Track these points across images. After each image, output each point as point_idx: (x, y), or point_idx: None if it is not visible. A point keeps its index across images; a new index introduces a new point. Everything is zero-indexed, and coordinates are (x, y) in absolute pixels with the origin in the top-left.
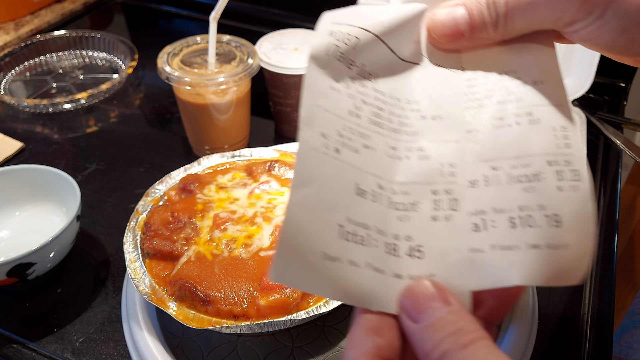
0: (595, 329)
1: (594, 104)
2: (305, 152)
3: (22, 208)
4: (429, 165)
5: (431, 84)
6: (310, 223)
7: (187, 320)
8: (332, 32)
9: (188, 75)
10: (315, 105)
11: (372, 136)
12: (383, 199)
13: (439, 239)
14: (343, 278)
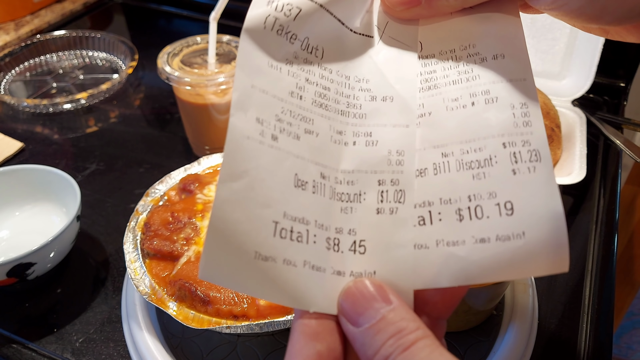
0: (594, 329)
1: (594, 104)
2: (236, 140)
3: (22, 208)
4: (376, 152)
5: (383, 60)
6: (241, 221)
7: (187, 320)
8: (270, 1)
9: (188, 75)
10: (250, 86)
11: (315, 119)
12: (326, 189)
13: (383, 234)
14: (278, 278)
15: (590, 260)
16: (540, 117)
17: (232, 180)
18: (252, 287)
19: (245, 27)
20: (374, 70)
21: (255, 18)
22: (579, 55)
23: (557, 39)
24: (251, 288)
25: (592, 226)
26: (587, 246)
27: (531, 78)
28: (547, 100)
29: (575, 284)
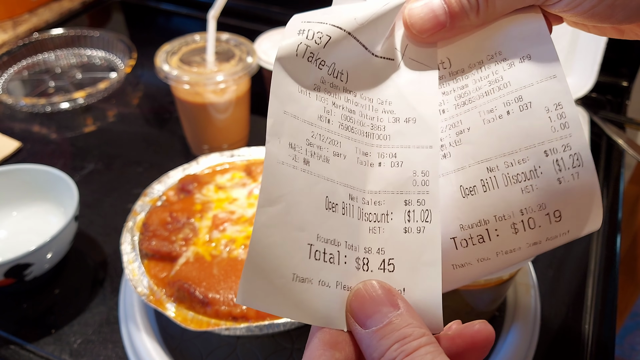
0: (597, 330)
1: (597, 103)
2: (272, 166)
3: (19, 208)
4: (402, 173)
5: (405, 82)
6: (279, 244)
7: (186, 321)
8: (302, 30)
9: (187, 74)
10: (283, 112)
11: (343, 142)
12: (354, 210)
13: (411, 252)
14: (314, 299)
15: (593, 260)
16: (576, 114)
17: (270, 205)
18: (289, 309)
19: (278, 56)
20: (396, 93)
21: (288, 47)
22: (581, 55)
23: (559, 37)
24: (288, 310)
25: None
26: (589, 246)
27: (561, 73)
28: None
29: (578, 284)
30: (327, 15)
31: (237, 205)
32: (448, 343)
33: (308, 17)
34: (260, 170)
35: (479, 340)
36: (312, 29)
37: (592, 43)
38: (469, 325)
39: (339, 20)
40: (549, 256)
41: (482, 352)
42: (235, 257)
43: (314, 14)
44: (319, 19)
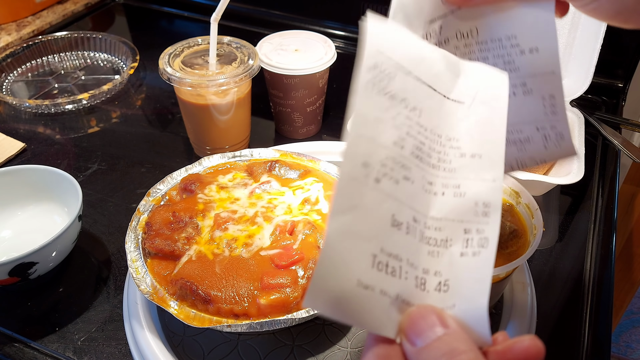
0: (593, 328)
1: (592, 104)
2: (345, 181)
3: (24, 208)
4: (464, 203)
5: (474, 123)
6: (348, 250)
7: (188, 319)
8: (376, 65)
9: (189, 76)
10: (359, 135)
11: (412, 168)
12: (416, 232)
13: (464, 273)
14: (375, 307)
15: (589, 259)
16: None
17: (343, 214)
18: (350, 314)
19: (358, 87)
20: (465, 131)
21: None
22: (577, 56)
23: None
24: (350, 315)
25: (590, 225)
26: (585, 245)
27: (559, 69)
28: None
29: (574, 282)
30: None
31: (239, 205)
32: (498, 358)
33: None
34: (262, 171)
35: (530, 356)
36: (383, 64)
37: (588, 45)
38: (518, 341)
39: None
40: (545, 255)
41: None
42: (237, 255)
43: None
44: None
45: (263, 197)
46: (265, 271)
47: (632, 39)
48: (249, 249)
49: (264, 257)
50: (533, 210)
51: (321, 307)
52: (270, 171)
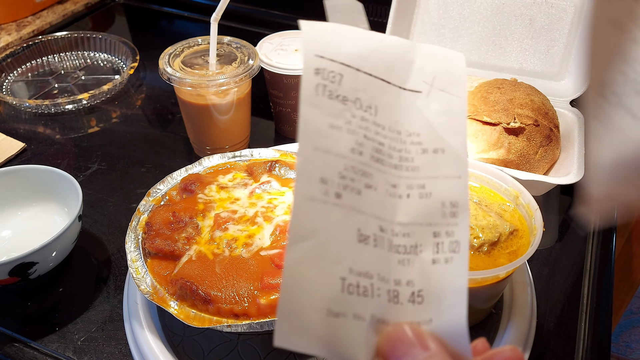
0: (593, 327)
1: None
2: (302, 203)
3: (24, 208)
4: (430, 205)
5: (434, 113)
6: (312, 279)
7: (188, 319)
8: (318, 70)
9: (189, 76)
10: (314, 148)
11: (374, 174)
12: (384, 242)
13: (439, 282)
14: (350, 335)
15: (588, 259)
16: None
17: (303, 241)
18: (326, 346)
19: (302, 97)
20: (425, 124)
21: (309, 88)
22: (577, 56)
23: (556, 39)
24: (325, 348)
25: (590, 226)
26: (585, 245)
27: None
28: (546, 100)
29: (573, 282)
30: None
31: (239, 205)
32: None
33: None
34: (262, 171)
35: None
36: (327, 68)
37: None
38: (499, 352)
39: (345, 57)
40: (545, 255)
41: None
42: (237, 255)
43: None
44: (331, 54)
45: (263, 197)
46: (266, 271)
47: None
48: (249, 249)
49: (264, 257)
50: (533, 210)
51: (294, 346)
52: (270, 171)
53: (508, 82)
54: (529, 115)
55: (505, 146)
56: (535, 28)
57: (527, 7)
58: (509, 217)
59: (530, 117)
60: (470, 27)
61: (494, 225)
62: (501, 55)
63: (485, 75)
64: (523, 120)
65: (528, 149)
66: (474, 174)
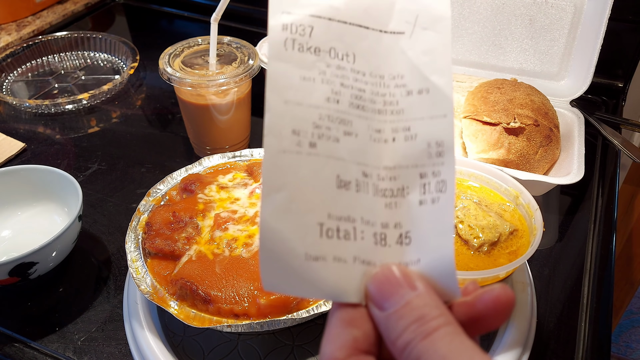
0: (593, 328)
1: (592, 104)
2: (272, 157)
3: (24, 208)
4: (416, 146)
5: (417, 53)
6: (287, 229)
7: (188, 319)
8: (285, 25)
9: (189, 76)
10: (284, 102)
11: (354, 121)
12: (369, 187)
13: (426, 223)
14: (330, 276)
15: (588, 259)
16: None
17: (274, 193)
18: (310, 288)
19: (270, 55)
20: (408, 66)
21: (276, 44)
22: (577, 56)
23: (556, 39)
24: (309, 289)
25: (590, 225)
26: (585, 245)
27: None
28: (546, 100)
29: (573, 283)
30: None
31: (239, 205)
32: (467, 309)
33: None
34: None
35: (500, 305)
36: (294, 22)
37: (588, 45)
38: (488, 290)
39: (315, 9)
40: (545, 255)
41: (503, 318)
42: (237, 255)
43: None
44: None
45: None
46: None
47: (632, 39)
48: (249, 249)
49: None
50: (533, 210)
51: (278, 289)
52: None
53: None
54: (529, 115)
55: (505, 146)
56: (535, 28)
57: (527, 7)
58: (509, 217)
59: (530, 117)
60: (470, 27)
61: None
62: (501, 55)
63: (485, 75)
64: (523, 120)
65: (528, 149)
66: (474, 174)
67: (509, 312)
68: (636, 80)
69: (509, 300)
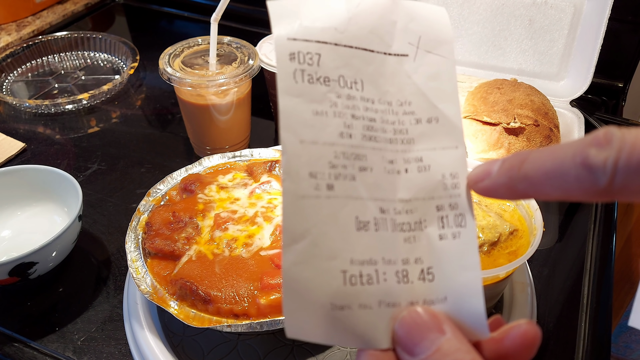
0: (593, 328)
1: (592, 104)
2: (292, 203)
3: (24, 208)
4: (430, 178)
5: (423, 78)
6: (311, 278)
7: (188, 319)
8: (293, 54)
9: (189, 76)
10: (299, 142)
11: (368, 154)
12: (387, 223)
13: (449, 259)
14: (358, 323)
15: (588, 259)
16: None
17: (295, 243)
18: (335, 337)
19: (280, 88)
20: (415, 91)
21: (286, 77)
22: (577, 56)
23: (556, 40)
24: (334, 338)
25: (590, 226)
26: (585, 245)
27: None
28: (546, 100)
29: (573, 283)
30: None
31: (239, 205)
32: (495, 346)
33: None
34: (262, 171)
35: (528, 341)
36: (302, 50)
37: (588, 45)
38: (515, 326)
39: (320, 34)
40: (545, 255)
41: (530, 354)
42: (237, 255)
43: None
44: (303, 34)
45: (263, 197)
46: (265, 271)
47: (632, 39)
48: (249, 249)
49: (264, 257)
50: (533, 210)
51: (303, 337)
52: (270, 171)
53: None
54: (529, 115)
55: (505, 146)
56: (535, 28)
57: (527, 8)
58: (509, 217)
59: (530, 117)
60: (469, 28)
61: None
62: (501, 55)
63: (485, 76)
64: (523, 120)
65: (528, 149)
66: None
67: (536, 348)
68: (636, 80)
69: (536, 336)
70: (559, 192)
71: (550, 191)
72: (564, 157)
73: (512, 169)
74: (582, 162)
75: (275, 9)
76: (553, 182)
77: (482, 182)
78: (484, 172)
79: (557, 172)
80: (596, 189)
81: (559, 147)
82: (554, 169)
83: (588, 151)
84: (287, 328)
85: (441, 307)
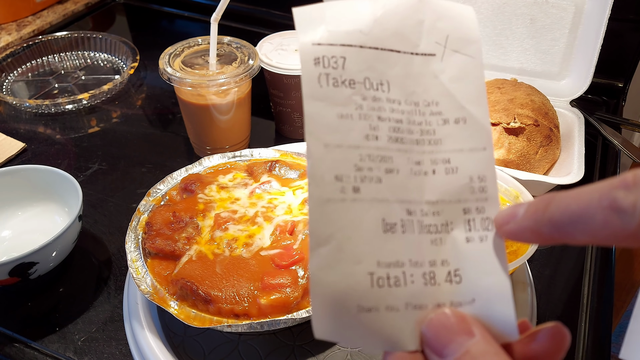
0: (593, 328)
1: (593, 104)
2: (318, 207)
3: (24, 208)
4: (458, 180)
5: (450, 78)
6: (337, 281)
7: (189, 319)
8: (317, 59)
9: (189, 76)
10: (324, 146)
11: (394, 156)
12: (414, 225)
13: (476, 262)
14: (384, 326)
15: (589, 259)
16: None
17: (320, 247)
18: (361, 340)
19: (305, 93)
20: (442, 91)
21: (310, 82)
22: (578, 56)
23: (557, 39)
24: (361, 341)
25: None
26: (585, 245)
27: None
28: (546, 100)
29: (574, 282)
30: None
31: (239, 205)
32: (523, 348)
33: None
34: (262, 171)
35: (557, 342)
36: (326, 54)
37: (588, 44)
38: (543, 328)
39: (345, 37)
40: (545, 255)
41: (560, 355)
42: (238, 255)
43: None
44: (328, 38)
45: (263, 197)
46: (266, 271)
47: (633, 39)
48: (250, 249)
49: (264, 257)
50: None
51: (331, 339)
52: (270, 171)
53: (508, 82)
54: (529, 115)
55: (505, 146)
56: (536, 28)
57: (528, 7)
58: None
59: (531, 117)
60: None
61: None
62: (502, 55)
63: (487, 75)
64: (523, 120)
65: (528, 149)
66: None
67: (566, 349)
68: (636, 80)
69: (564, 337)
70: (586, 236)
71: (577, 235)
72: (590, 200)
73: (537, 212)
74: (609, 205)
75: (300, 16)
76: (579, 225)
77: (507, 225)
78: (510, 215)
79: (583, 216)
80: (626, 233)
81: (585, 190)
82: (580, 213)
83: (615, 194)
84: (315, 329)
85: (469, 309)
